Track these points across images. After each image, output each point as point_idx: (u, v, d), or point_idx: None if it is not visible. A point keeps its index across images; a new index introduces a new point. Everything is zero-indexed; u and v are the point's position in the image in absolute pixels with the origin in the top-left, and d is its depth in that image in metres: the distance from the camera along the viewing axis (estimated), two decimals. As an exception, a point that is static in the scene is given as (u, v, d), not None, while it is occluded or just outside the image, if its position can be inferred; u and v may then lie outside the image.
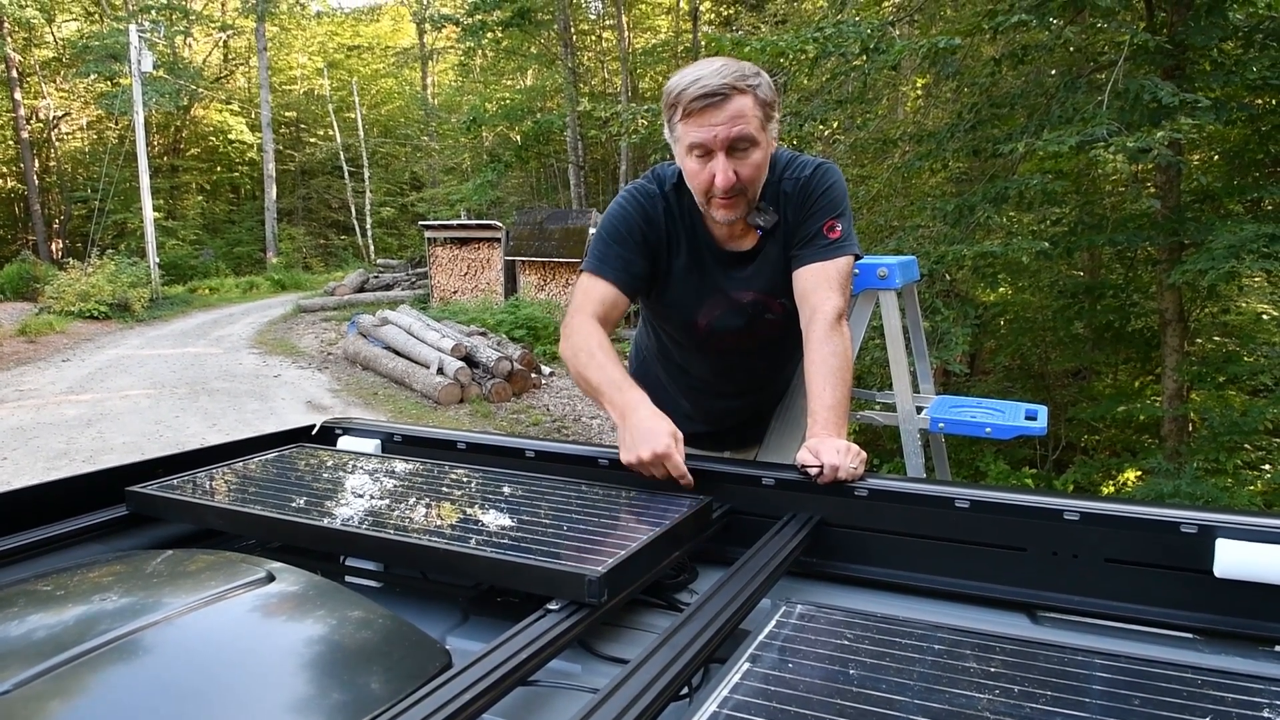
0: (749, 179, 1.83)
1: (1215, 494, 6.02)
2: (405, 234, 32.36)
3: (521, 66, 24.57)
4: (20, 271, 20.23)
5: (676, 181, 1.98)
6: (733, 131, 1.77)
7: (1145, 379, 9.15)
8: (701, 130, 1.78)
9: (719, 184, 1.81)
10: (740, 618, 1.15)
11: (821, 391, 1.77)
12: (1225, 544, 1.26)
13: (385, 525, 1.38)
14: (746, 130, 1.78)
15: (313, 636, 1.05)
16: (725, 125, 1.76)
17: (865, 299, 2.66)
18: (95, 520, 1.52)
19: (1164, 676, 0.95)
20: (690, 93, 1.76)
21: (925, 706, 0.88)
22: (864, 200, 8.03)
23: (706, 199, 1.88)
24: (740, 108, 1.76)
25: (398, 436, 1.99)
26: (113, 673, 0.90)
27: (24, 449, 8.08)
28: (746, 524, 1.58)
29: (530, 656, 1.00)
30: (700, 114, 1.77)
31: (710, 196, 1.86)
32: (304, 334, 15.89)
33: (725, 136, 1.77)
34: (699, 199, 1.91)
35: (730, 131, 1.77)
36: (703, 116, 1.77)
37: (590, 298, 1.94)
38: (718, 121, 1.76)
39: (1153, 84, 5.67)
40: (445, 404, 10.17)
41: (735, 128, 1.76)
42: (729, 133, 1.77)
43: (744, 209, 1.89)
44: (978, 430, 2.67)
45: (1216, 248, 5.70)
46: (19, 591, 1.11)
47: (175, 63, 29.48)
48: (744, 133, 1.78)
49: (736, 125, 1.76)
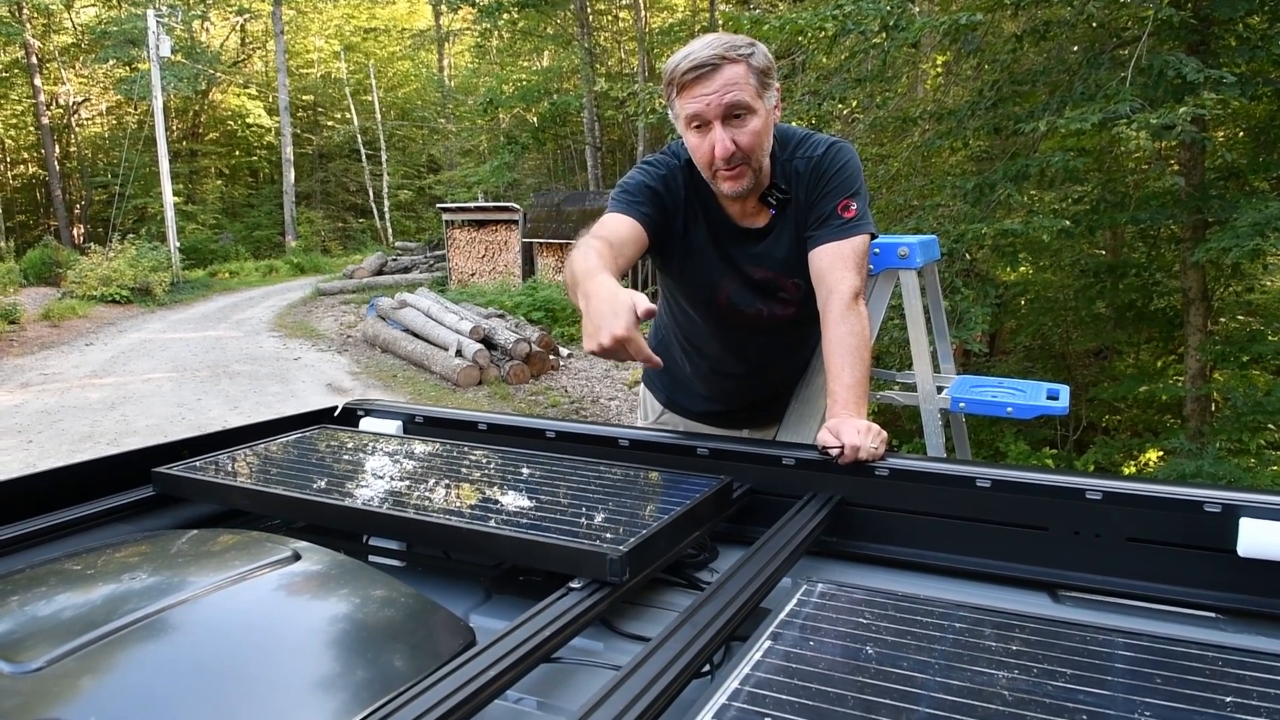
0: (748, 146, 1.83)
1: (1238, 474, 5.97)
2: (423, 217, 32.41)
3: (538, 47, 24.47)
4: (43, 256, 20.44)
5: (690, 157, 1.98)
6: (725, 99, 1.77)
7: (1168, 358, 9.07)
8: (695, 101, 1.79)
9: (718, 153, 1.81)
10: (761, 596, 1.15)
11: (840, 371, 1.77)
12: (1249, 523, 1.25)
13: (408, 505, 1.39)
14: (740, 97, 1.78)
15: (338, 614, 1.06)
16: (717, 93, 1.77)
17: (885, 278, 2.65)
18: (122, 501, 1.54)
19: (1186, 655, 0.94)
20: (682, 67, 1.78)
21: (946, 684, 0.88)
22: (883, 179, 7.96)
23: (711, 173, 1.88)
24: (731, 76, 1.77)
25: (419, 418, 2.00)
26: (142, 650, 0.92)
27: (49, 432, 8.18)
28: (767, 504, 1.58)
29: (553, 634, 1.01)
30: (693, 85, 1.78)
31: (714, 170, 1.86)
32: (323, 317, 15.98)
33: (719, 104, 1.77)
34: (705, 174, 1.91)
35: (723, 99, 1.77)
36: (695, 87, 1.78)
37: (603, 225, 1.86)
38: (710, 91, 1.77)
39: (1177, 59, 5.59)
40: (464, 386, 10.21)
41: (728, 95, 1.77)
42: (721, 100, 1.77)
43: (750, 180, 1.88)
44: (999, 410, 2.65)
45: (1241, 225, 5.63)
46: (50, 571, 1.12)
47: (193, 47, 29.56)
48: (737, 99, 1.77)
49: (729, 93, 1.77)
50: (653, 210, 1.94)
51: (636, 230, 1.88)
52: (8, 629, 0.96)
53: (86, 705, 0.83)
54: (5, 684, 0.84)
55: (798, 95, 7.63)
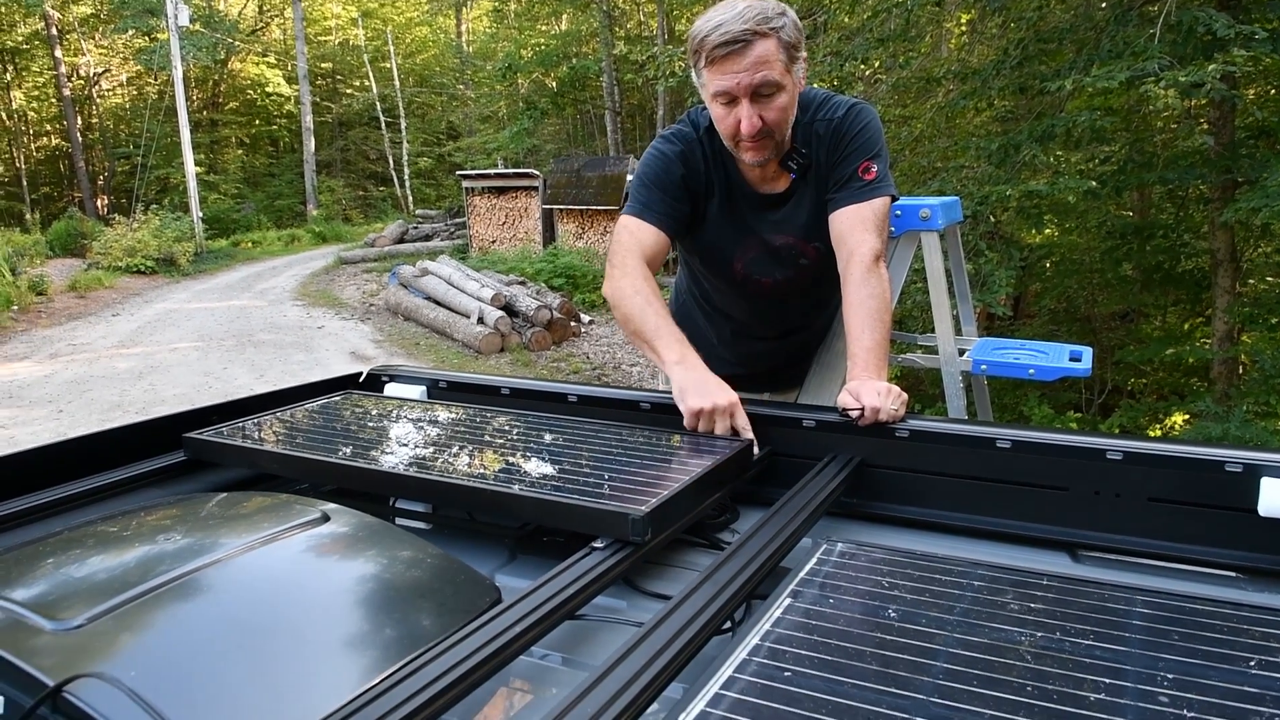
0: (775, 123, 1.82)
1: (1265, 437, 5.92)
2: (443, 184, 32.37)
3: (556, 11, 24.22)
4: (68, 228, 20.60)
5: (709, 124, 1.97)
6: (756, 78, 1.75)
7: (1195, 321, 8.96)
8: (725, 78, 1.77)
9: (745, 130, 1.80)
10: (781, 555, 1.17)
11: (861, 334, 1.77)
12: (1271, 483, 1.25)
13: (433, 468, 1.41)
14: (770, 76, 1.76)
15: (367, 574, 1.08)
16: (748, 72, 1.75)
17: (907, 240, 2.63)
18: (155, 466, 1.58)
19: (1205, 613, 0.95)
20: (712, 39, 1.75)
21: (965, 640, 0.89)
22: (906, 141, 7.87)
23: (734, 143, 1.88)
24: (763, 52, 1.74)
25: (443, 383, 2.02)
26: (177, 608, 0.94)
27: (79, 401, 8.30)
28: (788, 465, 1.59)
29: (577, 592, 1.03)
30: (723, 61, 1.75)
31: (738, 141, 1.86)
32: (346, 285, 16.05)
33: (749, 83, 1.76)
34: (728, 143, 1.91)
35: (754, 78, 1.75)
36: (726, 64, 1.76)
37: (636, 238, 1.93)
38: (740, 69, 1.75)
39: (1207, 15, 5.46)
40: (486, 353, 10.26)
41: (759, 74, 1.75)
42: (752, 79, 1.75)
43: (772, 150, 1.88)
44: (1021, 371, 2.64)
45: (1271, 185, 5.53)
46: (87, 533, 1.15)
47: (211, 16, 29.51)
48: (767, 78, 1.76)
49: (760, 71, 1.75)
50: (672, 207, 1.96)
51: (661, 239, 1.94)
52: (48, 589, 0.99)
53: (125, 661, 0.85)
54: (48, 640, 0.86)
55: (820, 56, 7.52)
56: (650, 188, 1.97)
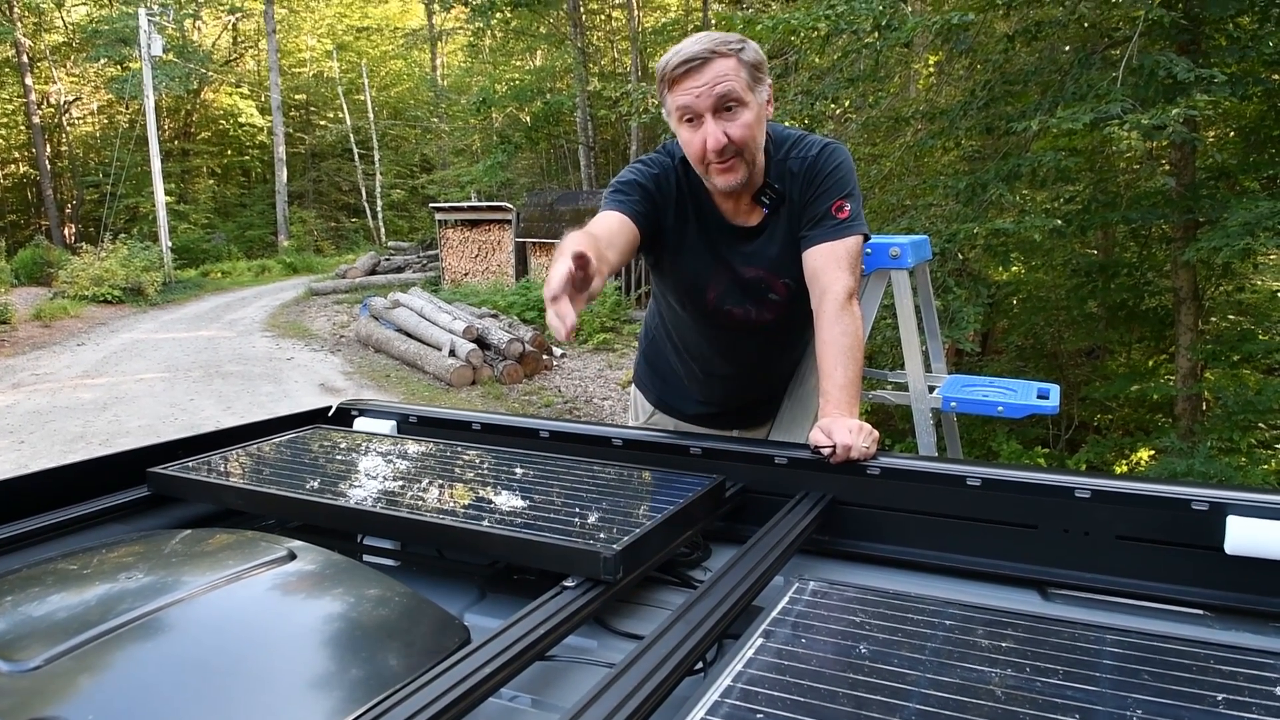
0: (740, 139, 1.84)
1: (1229, 473, 6.00)
2: (416, 216, 32.32)
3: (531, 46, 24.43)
4: (34, 256, 20.36)
5: (685, 156, 1.99)
6: (716, 89, 1.79)
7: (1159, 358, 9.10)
8: (686, 94, 1.80)
9: (710, 145, 1.82)
10: (754, 594, 1.16)
11: (833, 370, 1.78)
12: (1236, 521, 1.26)
13: (402, 504, 1.40)
14: (730, 87, 1.79)
15: (334, 613, 1.07)
16: (707, 85, 1.79)
17: (877, 278, 2.66)
18: (118, 501, 1.55)
19: (1174, 651, 0.96)
20: (673, 62, 1.80)
21: (937, 681, 0.89)
22: (876, 179, 7.97)
23: (704, 166, 1.89)
24: (721, 69, 1.79)
25: (413, 417, 2.01)
26: (139, 649, 0.92)
27: (41, 432, 8.15)
28: (759, 503, 1.59)
29: (547, 632, 1.02)
30: (683, 79, 1.80)
31: (707, 163, 1.87)
32: (316, 317, 15.95)
33: (709, 95, 1.79)
34: (698, 169, 1.92)
35: (714, 90, 1.79)
36: (685, 81, 1.80)
37: (594, 223, 1.85)
38: (700, 84, 1.79)
39: (1168, 59, 5.61)
40: (457, 386, 10.20)
41: (718, 86, 1.79)
42: (712, 91, 1.79)
43: (743, 174, 1.89)
44: (990, 409, 2.67)
45: (1231, 225, 5.65)
46: (46, 570, 1.13)
47: (185, 46, 29.47)
48: (727, 90, 1.79)
49: (719, 84, 1.79)
50: (644, 206, 1.95)
51: (626, 225, 1.88)
52: (5, 628, 0.96)
53: (84, 704, 0.83)
54: (3, 683, 0.84)
55: (790, 95, 7.62)
56: (621, 191, 1.96)
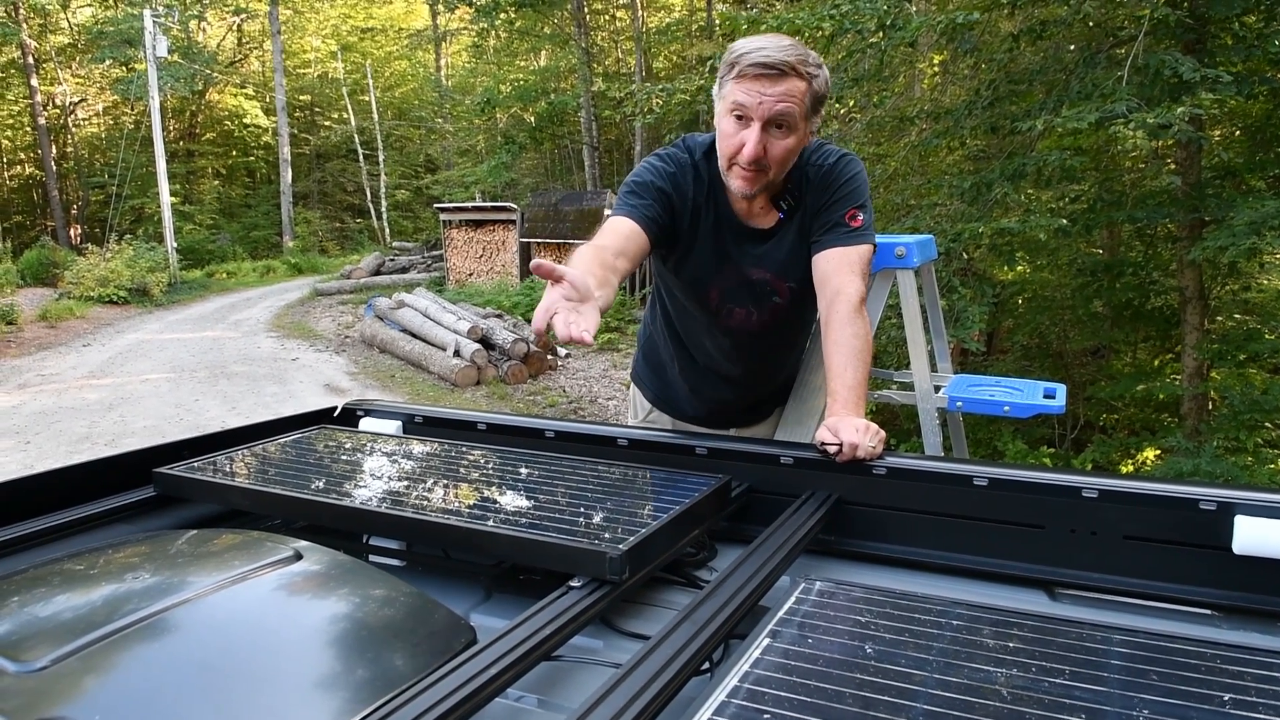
0: (776, 160, 1.83)
1: (1235, 472, 5.99)
2: (420, 216, 32.35)
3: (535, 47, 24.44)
4: (40, 257, 20.40)
5: (705, 151, 1.98)
6: (778, 107, 1.77)
7: (1165, 357, 9.08)
8: (749, 95, 1.77)
9: (746, 153, 1.80)
10: (760, 594, 1.16)
11: (843, 371, 1.78)
12: (1244, 520, 1.26)
13: (408, 505, 1.40)
14: (791, 110, 1.78)
15: (340, 613, 1.07)
16: (773, 98, 1.76)
17: (883, 278, 2.66)
18: (124, 501, 1.55)
19: (1182, 652, 0.95)
20: (751, 57, 1.76)
21: (944, 681, 0.89)
22: (881, 179, 7.97)
23: (729, 164, 1.88)
24: (793, 88, 1.76)
25: (418, 418, 2.01)
26: (145, 650, 0.92)
27: (47, 433, 8.17)
28: (765, 502, 1.59)
29: (553, 632, 1.02)
30: (754, 79, 1.77)
31: (733, 163, 1.86)
32: (321, 317, 15.97)
33: (770, 109, 1.77)
34: (722, 162, 1.90)
35: (776, 106, 1.77)
36: (756, 83, 1.77)
37: (604, 230, 1.87)
38: (769, 92, 1.76)
39: (1173, 59, 5.60)
40: (462, 386, 10.21)
41: (781, 104, 1.76)
42: (774, 107, 1.77)
43: (760, 186, 1.89)
44: (996, 409, 2.66)
45: (1237, 224, 5.64)
46: (53, 571, 1.13)
47: (190, 47, 29.49)
48: (788, 111, 1.78)
49: (783, 102, 1.76)
50: (658, 211, 1.94)
51: (636, 232, 1.87)
52: (12, 629, 0.96)
53: (90, 704, 0.83)
54: (10, 683, 0.84)
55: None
56: (635, 194, 1.95)
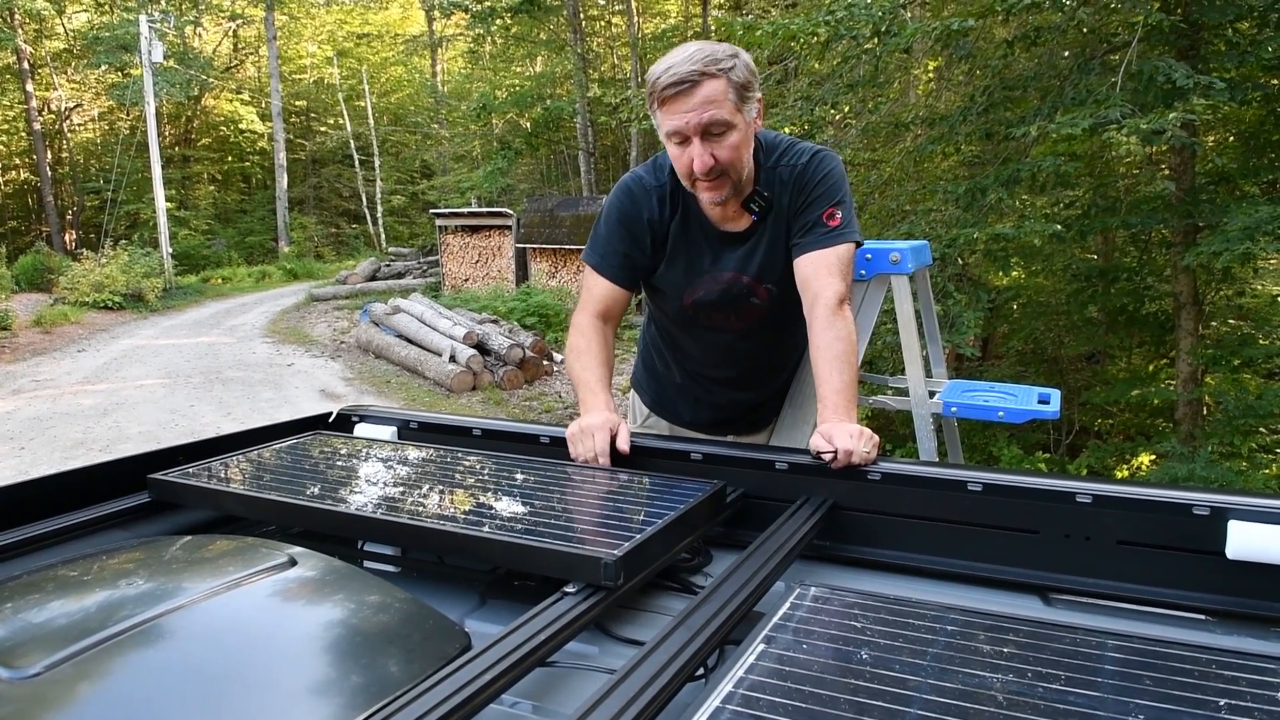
0: (727, 161, 1.85)
1: (1230, 477, 6.00)
2: (416, 222, 32.33)
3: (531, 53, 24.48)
4: (35, 263, 20.35)
5: (672, 169, 2.01)
6: (704, 117, 1.79)
7: (1159, 362, 9.10)
8: (675, 118, 1.80)
9: (697, 168, 1.84)
10: (755, 600, 1.16)
11: (829, 376, 1.78)
12: (1238, 526, 1.26)
13: (403, 510, 1.39)
14: (719, 115, 1.79)
15: (334, 619, 1.06)
16: (696, 111, 1.78)
17: (878, 283, 2.66)
18: (118, 507, 1.55)
19: (1176, 657, 0.95)
20: (663, 81, 1.79)
21: (939, 686, 0.89)
22: (875, 184, 7.98)
23: (691, 183, 1.91)
24: (711, 92, 1.78)
25: (413, 423, 2.01)
26: (139, 656, 0.92)
27: (41, 439, 8.14)
28: (760, 508, 1.59)
29: (548, 638, 1.02)
30: (673, 101, 1.79)
31: (694, 180, 1.89)
32: (316, 323, 15.95)
33: (697, 122, 1.79)
34: (684, 182, 1.94)
35: (701, 117, 1.79)
36: (675, 103, 1.79)
37: (593, 295, 2.07)
38: (689, 108, 1.78)
39: (1167, 65, 5.61)
40: (458, 391, 10.20)
41: (706, 113, 1.78)
42: (700, 118, 1.79)
43: (729, 189, 1.91)
44: (990, 414, 2.67)
45: (1231, 230, 5.65)
46: (47, 577, 1.13)
47: (185, 53, 29.50)
48: (715, 117, 1.79)
49: (708, 110, 1.78)
50: (628, 259, 2.05)
51: (617, 292, 2.07)
52: (5, 635, 0.96)
53: (84, 711, 0.83)
54: (3, 690, 0.84)
55: (790, 100, 7.63)
56: (608, 236, 2.06)
